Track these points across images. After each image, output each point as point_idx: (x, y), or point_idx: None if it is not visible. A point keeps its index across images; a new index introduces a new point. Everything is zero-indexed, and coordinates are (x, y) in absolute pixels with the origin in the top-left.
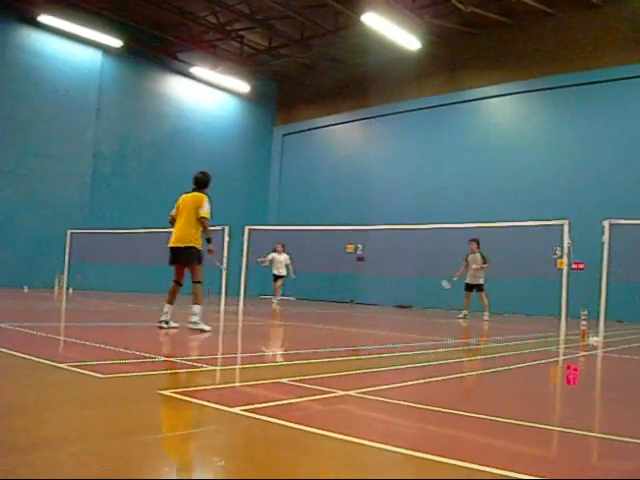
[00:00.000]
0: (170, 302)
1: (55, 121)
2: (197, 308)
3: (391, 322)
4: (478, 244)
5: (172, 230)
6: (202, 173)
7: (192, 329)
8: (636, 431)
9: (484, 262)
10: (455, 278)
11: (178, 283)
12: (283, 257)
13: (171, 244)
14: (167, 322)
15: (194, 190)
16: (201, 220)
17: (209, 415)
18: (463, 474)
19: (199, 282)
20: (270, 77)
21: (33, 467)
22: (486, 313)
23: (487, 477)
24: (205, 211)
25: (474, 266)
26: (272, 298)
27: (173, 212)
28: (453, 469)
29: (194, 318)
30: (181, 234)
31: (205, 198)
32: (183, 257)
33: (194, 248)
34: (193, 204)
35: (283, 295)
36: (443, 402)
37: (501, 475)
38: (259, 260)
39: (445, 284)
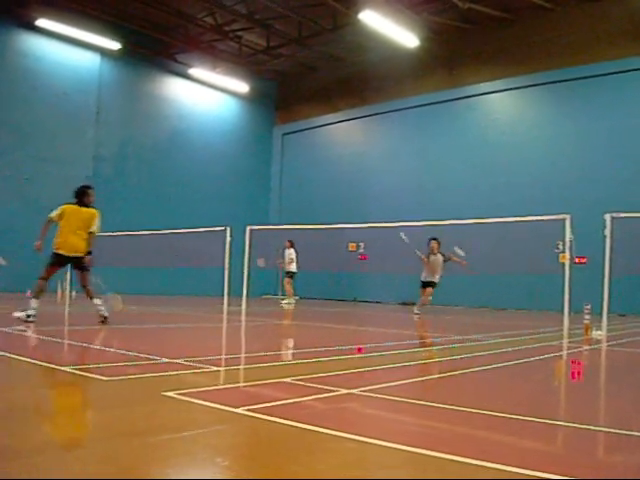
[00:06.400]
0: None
1: (55, 124)
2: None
3: (394, 319)
4: (439, 244)
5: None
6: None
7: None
8: None
9: (444, 261)
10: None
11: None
12: (286, 253)
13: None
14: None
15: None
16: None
17: (213, 416)
18: (469, 471)
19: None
20: (269, 77)
21: (38, 470)
22: (417, 308)
23: (494, 473)
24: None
25: (439, 269)
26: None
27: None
28: (459, 466)
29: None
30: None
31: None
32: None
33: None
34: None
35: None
36: (447, 399)
37: (508, 471)
38: (278, 262)
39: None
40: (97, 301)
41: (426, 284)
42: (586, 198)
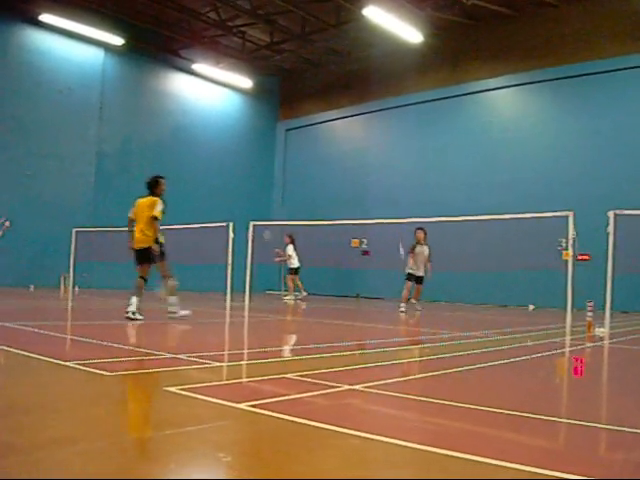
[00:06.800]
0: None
1: (58, 120)
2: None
3: (397, 316)
4: (425, 234)
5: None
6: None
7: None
8: None
9: (429, 259)
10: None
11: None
12: (287, 249)
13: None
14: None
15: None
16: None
17: (216, 411)
18: (472, 468)
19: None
20: (272, 72)
21: (41, 466)
22: (415, 302)
23: (495, 469)
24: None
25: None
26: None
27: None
28: (462, 463)
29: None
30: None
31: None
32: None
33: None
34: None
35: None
36: (449, 395)
37: (509, 467)
38: (277, 260)
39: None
40: (172, 299)
41: (410, 277)
42: (589, 195)
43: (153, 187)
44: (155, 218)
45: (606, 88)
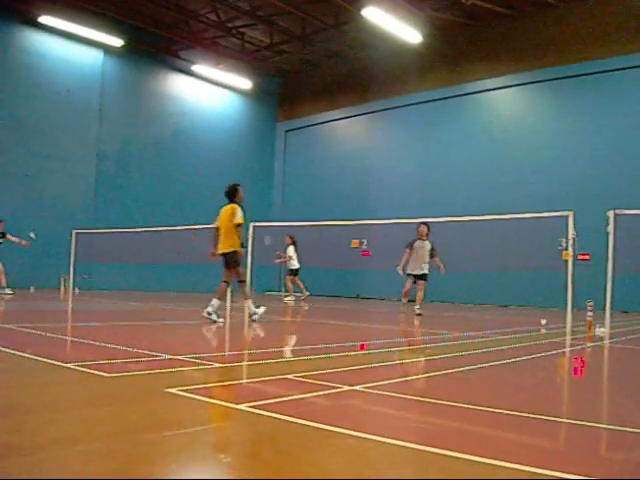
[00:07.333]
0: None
1: (58, 122)
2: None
3: (396, 316)
4: (429, 229)
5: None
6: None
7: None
8: None
9: (432, 255)
10: (399, 268)
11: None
12: (288, 250)
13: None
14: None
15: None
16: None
17: (216, 412)
18: (472, 468)
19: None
20: (272, 73)
21: (41, 467)
22: (418, 306)
23: (499, 471)
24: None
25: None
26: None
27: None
28: (462, 463)
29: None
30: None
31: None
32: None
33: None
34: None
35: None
36: (450, 395)
37: (511, 468)
38: (278, 261)
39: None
40: (249, 302)
41: (414, 276)
42: (589, 195)
43: (232, 195)
44: (238, 225)
45: (606, 88)
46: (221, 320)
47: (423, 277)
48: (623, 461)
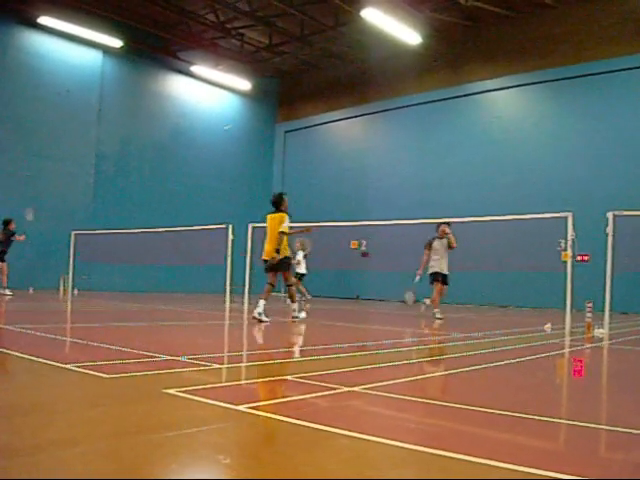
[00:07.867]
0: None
1: (57, 122)
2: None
3: (396, 317)
4: (449, 227)
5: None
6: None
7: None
8: None
9: (450, 246)
10: (418, 273)
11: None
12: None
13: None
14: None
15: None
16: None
17: (215, 413)
18: (470, 469)
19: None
20: (271, 74)
21: (40, 468)
22: (437, 310)
23: (494, 471)
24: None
25: (437, 256)
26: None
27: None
28: (461, 464)
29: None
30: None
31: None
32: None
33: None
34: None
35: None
36: (449, 396)
37: (509, 469)
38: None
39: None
40: (293, 305)
41: (437, 276)
42: (589, 195)
43: (279, 204)
44: (283, 233)
45: (606, 89)
46: (268, 319)
47: (446, 280)
48: (620, 461)
